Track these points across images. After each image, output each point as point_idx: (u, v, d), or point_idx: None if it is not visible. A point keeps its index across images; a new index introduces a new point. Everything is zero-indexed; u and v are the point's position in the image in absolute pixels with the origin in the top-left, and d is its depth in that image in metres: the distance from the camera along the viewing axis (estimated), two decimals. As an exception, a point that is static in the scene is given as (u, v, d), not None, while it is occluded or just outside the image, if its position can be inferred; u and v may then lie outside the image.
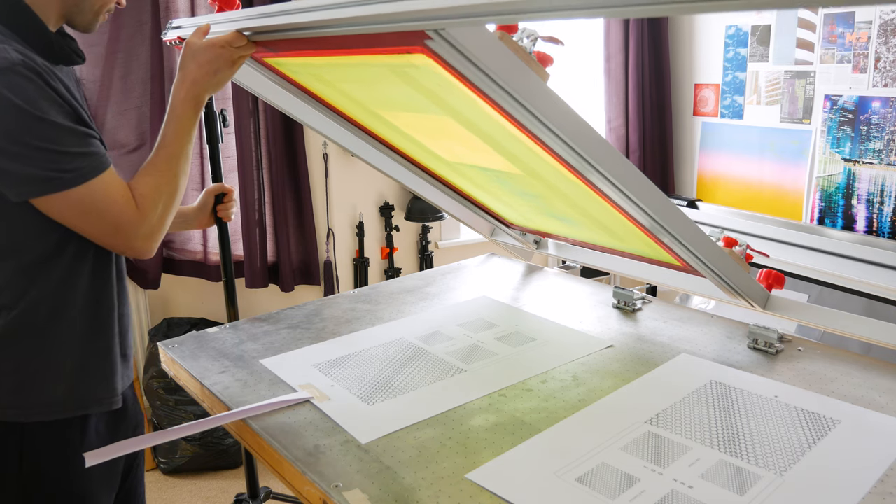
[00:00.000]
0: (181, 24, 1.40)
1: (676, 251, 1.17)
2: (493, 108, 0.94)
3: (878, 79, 2.82)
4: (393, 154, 1.50)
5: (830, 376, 1.19)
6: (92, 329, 1.17)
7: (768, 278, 1.38)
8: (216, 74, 1.16)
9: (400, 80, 1.04)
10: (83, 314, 1.16)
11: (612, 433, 1.02)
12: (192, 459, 2.64)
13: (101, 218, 1.09)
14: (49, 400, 1.13)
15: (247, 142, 2.70)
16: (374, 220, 3.13)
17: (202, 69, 1.15)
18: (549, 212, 1.45)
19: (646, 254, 1.39)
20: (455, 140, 1.24)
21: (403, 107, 1.19)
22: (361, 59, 1.03)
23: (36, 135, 1.01)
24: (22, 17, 1.09)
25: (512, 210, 1.62)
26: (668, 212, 1.07)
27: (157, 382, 2.62)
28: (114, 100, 2.54)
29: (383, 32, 0.85)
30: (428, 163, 1.49)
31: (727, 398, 1.11)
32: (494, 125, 1.02)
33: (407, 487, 0.93)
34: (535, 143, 1.00)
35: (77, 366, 1.15)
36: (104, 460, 1.06)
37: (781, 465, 0.93)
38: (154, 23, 2.52)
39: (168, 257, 2.78)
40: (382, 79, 1.09)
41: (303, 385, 1.23)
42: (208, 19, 1.23)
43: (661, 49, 3.55)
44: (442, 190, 1.63)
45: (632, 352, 1.34)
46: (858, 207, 2.98)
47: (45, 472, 1.14)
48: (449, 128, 1.18)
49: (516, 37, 0.87)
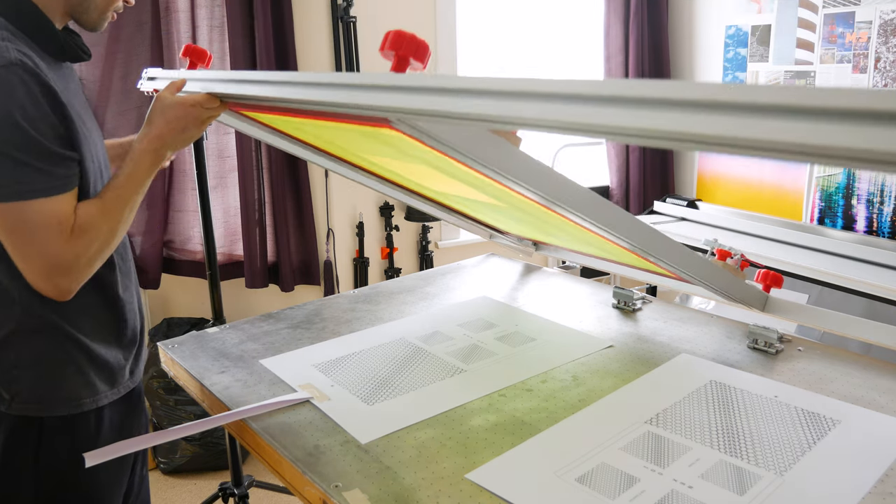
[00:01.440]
0: (156, 74, 1.39)
1: (668, 269, 1.18)
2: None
3: (878, 79, 2.82)
4: (383, 180, 1.52)
5: (830, 376, 1.19)
6: (103, 318, 1.19)
7: (766, 279, 1.38)
8: (183, 132, 1.14)
9: (375, 140, 1.05)
10: (93, 304, 1.17)
11: (612, 433, 1.02)
12: (192, 459, 2.64)
13: (27, 243, 1.03)
14: (69, 394, 1.15)
15: (247, 142, 2.70)
16: (374, 220, 3.13)
17: (170, 125, 1.13)
18: (541, 230, 1.46)
19: (641, 266, 1.39)
20: (438, 180, 1.25)
21: (384, 154, 1.20)
22: (336, 124, 1.04)
23: (4, 138, 0.99)
24: (28, 15, 1.09)
25: (504, 225, 1.63)
26: (655, 243, 1.08)
27: (157, 382, 2.62)
28: (114, 100, 2.54)
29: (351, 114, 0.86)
30: (416, 189, 1.51)
31: (727, 398, 1.11)
32: (474, 176, 1.03)
33: (407, 487, 0.93)
34: (517, 193, 1.01)
35: (92, 356, 1.17)
36: (104, 460, 1.06)
37: (781, 465, 0.93)
38: (154, 23, 2.52)
39: (168, 257, 2.78)
40: (359, 137, 1.10)
41: (303, 385, 1.23)
42: (183, 74, 1.22)
43: (661, 49, 3.55)
44: (434, 206, 1.64)
45: (632, 352, 1.34)
46: (858, 207, 2.98)
47: (60, 466, 1.16)
48: (431, 173, 1.19)
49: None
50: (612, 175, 3.64)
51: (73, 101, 1.11)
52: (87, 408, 1.17)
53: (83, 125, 1.12)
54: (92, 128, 1.19)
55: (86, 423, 1.18)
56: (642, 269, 1.45)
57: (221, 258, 2.81)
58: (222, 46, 2.65)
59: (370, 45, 2.95)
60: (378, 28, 2.96)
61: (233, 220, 2.82)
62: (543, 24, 3.54)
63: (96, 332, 1.18)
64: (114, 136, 2.56)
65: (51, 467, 1.15)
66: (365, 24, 2.91)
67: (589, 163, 3.69)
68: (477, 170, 0.91)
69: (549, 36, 3.56)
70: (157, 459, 2.69)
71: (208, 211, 1.98)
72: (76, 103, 1.13)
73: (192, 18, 2.60)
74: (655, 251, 1.08)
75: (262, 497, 2.48)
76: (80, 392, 1.16)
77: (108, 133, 2.56)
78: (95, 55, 2.49)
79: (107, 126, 2.55)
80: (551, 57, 3.58)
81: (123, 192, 1.12)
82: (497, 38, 3.42)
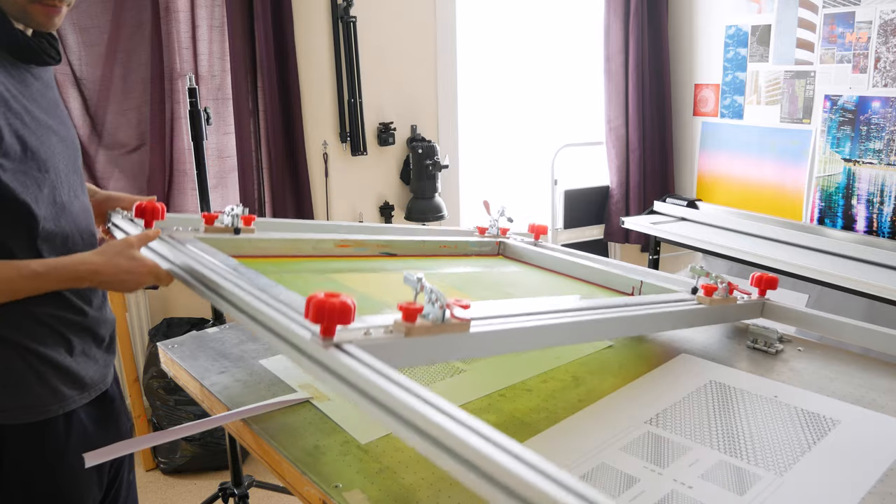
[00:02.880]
0: (120, 224, 1.31)
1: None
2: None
3: (878, 79, 2.82)
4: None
5: (830, 376, 1.19)
6: (62, 326, 1.14)
7: (760, 283, 1.38)
8: (121, 283, 1.11)
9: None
10: (49, 313, 1.12)
11: (612, 433, 1.02)
12: (192, 459, 2.64)
13: None
14: (33, 402, 1.11)
15: (247, 142, 2.70)
16: (374, 219, 3.13)
17: (116, 272, 1.10)
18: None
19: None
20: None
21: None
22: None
23: None
24: None
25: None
26: (646, 325, 1.16)
27: (157, 382, 2.62)
28: (114, 100, 2.54)
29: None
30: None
31: (727, 398, 1.11)
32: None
33: (407, 487, 0.93)
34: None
35: (55, 364, 1.12)
36: (104, 460, 1.06)
37: (781, 466, 0.93)
38: (154, 23, 2.51)
39: (168, 257, 2.78)
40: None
41: (303, 385, 1.23)
42: (158, 232, 1.22)
43: (660, 49, 3.55)
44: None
45: (632, 352, 1.33)
46: (858, 207, 2.98)
47: (27, 474, 1.12)
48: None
49: (427, 309, 0.86)
50: (613, 175, 3.63)
51: (31, 106, 1.08)
52: (54, 414, 1.13)
53: (37, 128, 1.08)
54: (61, 132, 1.15)
55: (54, 429, 1.13)
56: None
57: (221, 258, 2.81)
58: (222, 46, 2.65)
59: (370, 45, 2.95)
60: (378, 28, 2.96)
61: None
62: (543, 24, 3.54)
63: (56, 341, 1.13)
64: (114, 136, 2.57)
65: (17, 474, 1.11)
66: (365, 24, 2.91)
67: (589, 163, 3.69)
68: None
69: (549, 36, 3.56)
70: (157, 459, 2.69)
71: (208, 211, 1.98)
72: (35, 107, 1.09)
73: (192, 18, 2.59)
74: (649, 330, 1.13)
75: (262, 497, 2.48)
76: (45, 399, 1.12)
77: (109, 133, 2.56)
78: (95, 55, 2.49)
79: (107, 126, 2.55)
80: (551, 57, 3.58)
81: (24, 282, 1.05)
82: (497, 37, 3.42)
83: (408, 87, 3.09)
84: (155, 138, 2.56)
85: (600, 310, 1.10)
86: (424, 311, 0.86)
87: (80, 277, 1.09)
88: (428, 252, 1.63)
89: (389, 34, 3.00)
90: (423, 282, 0.86)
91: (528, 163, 3.64)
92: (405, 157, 3.12)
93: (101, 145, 2.57)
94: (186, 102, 2.11)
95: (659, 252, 3.22)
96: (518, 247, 1.75)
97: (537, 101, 3.58)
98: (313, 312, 0.77)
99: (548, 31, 3.55)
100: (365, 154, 2.99)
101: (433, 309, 0.86)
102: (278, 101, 2.72)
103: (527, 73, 3.54)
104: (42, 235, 1.09)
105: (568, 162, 3.61)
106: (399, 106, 3.09)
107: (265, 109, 2.72)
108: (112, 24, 2.49)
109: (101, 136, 2.56)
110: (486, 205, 1.87)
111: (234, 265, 1.09)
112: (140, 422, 2.67)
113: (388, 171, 3.12)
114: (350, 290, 1.20)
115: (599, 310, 1.10)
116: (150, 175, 2.60)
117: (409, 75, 3.08)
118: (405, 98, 3.10)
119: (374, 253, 1.52)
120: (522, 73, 3.53)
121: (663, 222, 3.10)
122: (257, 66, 2.68)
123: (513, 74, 3.50)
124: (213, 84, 2.67)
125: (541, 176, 3.63)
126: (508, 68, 3.48)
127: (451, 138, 3.26)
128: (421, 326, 0.84)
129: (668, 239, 2.98)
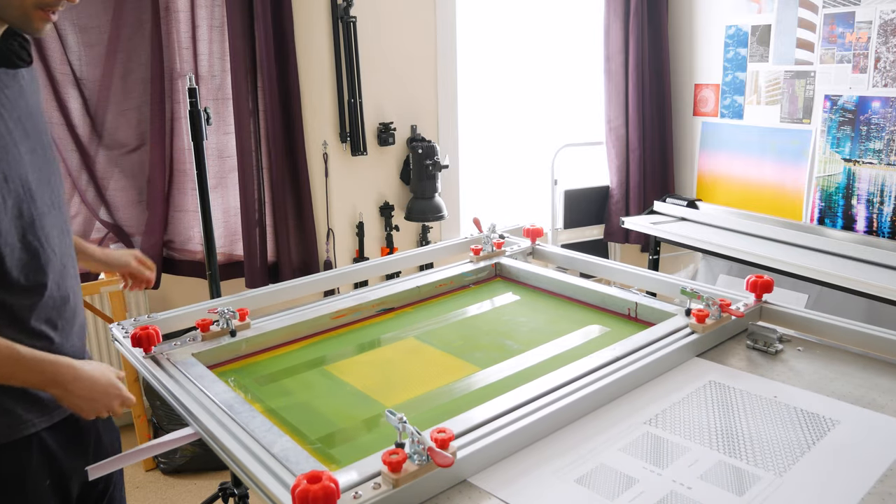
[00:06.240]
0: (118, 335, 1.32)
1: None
2: None
3: (878, 79, 2.82)
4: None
5: (830, 376, 1.19)
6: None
7: (756, 287, 1.38)
8: (76, 405, 1.09)
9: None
10: (11, 333, 1.07)
11: (610, 434, 1.02)
12: (192, 459, 2.64)
13: None
14: None
15: (247, 142, 2.70)
16: (374, 219, 3.13)
17: (80, 392, 1.08)
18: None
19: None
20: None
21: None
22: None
23: None
24: None
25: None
26: (639, 380, 1.16)
27: (156, 382, 2.62)
28: (114, 100, 2.54)
29: None
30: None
31: (726, 398, 1.11)
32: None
33: (406, 488, 0.92)
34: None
35: (9, 389, 1.08)
36: (104, 473, 1.05)
37: (781, 466, 0.93)
38: (154, 22, 2.52)
39: (168, 257, 2.78)
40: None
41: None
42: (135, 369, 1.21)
43: (660, 49, 3.55)
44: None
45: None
46: (858, 207, 2.98)
47: None
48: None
49: (410, 449, 0.86)
50: (613, 175, 3.63)
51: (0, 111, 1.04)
52: (14, 437, 1.10)
53: (7, 136, 1.05)
54: (32, 142, 1.10)
55: (13, 453, 1.10)
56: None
57: (221, 258, 2.81)
58: (222, 46, 2.65)
59: (370, 45, 2.95)
60: (378, 28, 2.96)
61: (233, 220, 2.82)
62: (543, 24, 3.53)
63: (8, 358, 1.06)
64: (114, 136, 2.57)
65: None
66: (365, 24, 2.91)
67: (589, 163, 3.69)
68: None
69: (550, 36, 3.56)
70: (157, 459, 2.69)
71: (208, 211, 1.98)
72: (4, 112, 1.05)
73: (192, 18, 2.59)
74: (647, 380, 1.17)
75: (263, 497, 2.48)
76: (1, 422, 1.09)
77: (109, 133, 2.56)
78: (95, 55, 2.49)
79: (107, 126, 2.55)
80: (551, 57, 3.58)
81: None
82: (497, 37, 3.42)
83: (408, 87, 3.09)
84: (155, 138, 2.56)
85: (596, 379, 1.11)
86: (409, 453, 0.86)
87: (45, 384, 1.06)
88: (425, 295, 1.63)
89: (389, 34, 3.00)
90: (406, 424, 0.86)
91: (528, 163, 3.64)
92: (405, 157, 3.12)
93: (101, 145, 2.57)
94: (186, 102, 2.11)
95: (659, 252, 3.22)
96: (514, 268, 1.75)
97: (537, 100, 3.58)
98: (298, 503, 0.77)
99: (548, 31, 3.55)
100: (365, 154, 2.99)
101: (417, 448, 0.85)
102: (278, 101, 2.72)
103: (527, 73, 3.54)
104: (5, 251, 1.04)
105: (568, 162, 3.61)
106: (399, 106, 3.08)
107: (265, 109, 2.72)
108: (112, 23, 2.49)
109: (101, 136, 2.56)
110: (477, 222, 1.86)
111: (228, 403, 1.06)
112: (140, 422, 2.68)
113: (388, 171, 3.12)
114: (346, 386, 1.22)
115: (595, 378, 1.12)
116: (150, 175, 2.60)
117: (408, 75, 3.08)
118: (405, 98, 3.09)
119: (371, 314, 1.53)
120: (522, 72, 3.53)
121: (663, 222, 3.10)
122: (257, 66, 2.68)
123: (513, 74, 3.50)
124: (213, 84, 2.67)
125: (541, 176, 3.63)
126: (508, 68, 3.48)
127: (451, 138, 3.26)
128: (408, 474, 0.84)
129: (668, 239, 2.98)
